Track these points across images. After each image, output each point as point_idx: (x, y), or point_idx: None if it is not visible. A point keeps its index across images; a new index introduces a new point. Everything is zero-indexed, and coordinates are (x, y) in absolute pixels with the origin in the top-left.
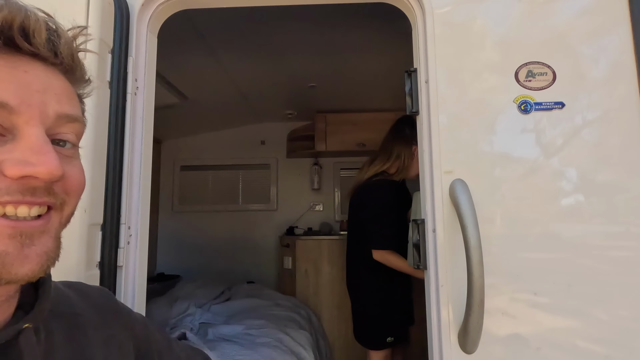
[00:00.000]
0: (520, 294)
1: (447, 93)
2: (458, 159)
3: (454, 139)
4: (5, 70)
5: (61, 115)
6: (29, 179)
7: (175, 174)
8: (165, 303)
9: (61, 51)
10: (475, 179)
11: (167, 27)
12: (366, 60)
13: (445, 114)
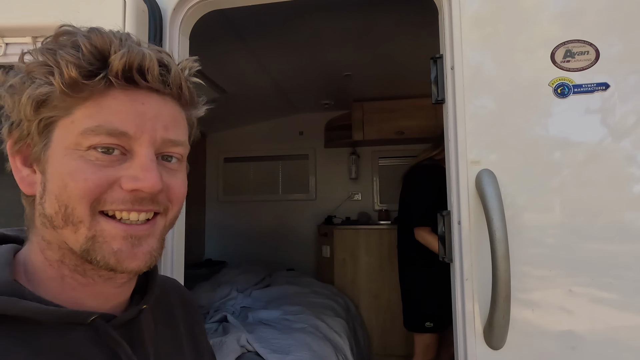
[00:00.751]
0: (580, 287)
1: (474, 80)
2: (486, 149)
3: (481, 128)
4: (127, 103)
5: (166, 140)
6: (137, 191)
7: (219, 165)
8: (210, 287)
9: (170, 82)
10: (512, 168)
11: (204, 24)
12: (401, 46)
13: (471, 101)
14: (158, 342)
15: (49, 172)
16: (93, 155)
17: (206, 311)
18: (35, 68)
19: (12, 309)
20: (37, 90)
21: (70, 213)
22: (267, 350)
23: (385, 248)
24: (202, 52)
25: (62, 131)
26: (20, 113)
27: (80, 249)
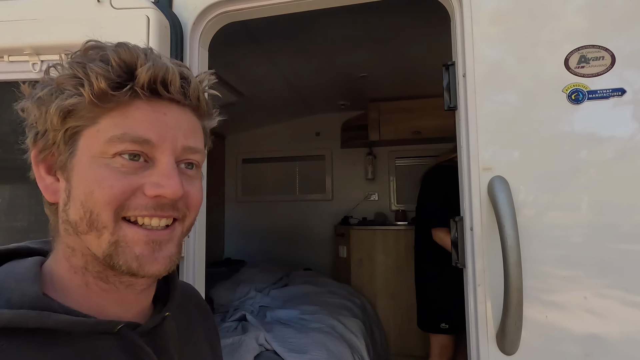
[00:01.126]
0: (608, 290)
1: (486, 87)
2: (499, 155)
3: (493, 135)
4: (150, 113)
5: (186, 147)
6: (160, 197)
7: (238, 166)
8: (230, 286)
9: (190, 94)
10: (532, 167)
11: (221, 30)
12: (417, 46)
13: (483, 108)
14: (181, 348)
15: (74, 180)
16: (119, 162)
17: (226, 309)
18: (65, 80)
19: (45, 323)
20: (66, 101)
21: (95, 219)
22: (284, 349)
23: (402, 249)
24: (220, 57)
25: (88, 140)
26: (46, 123)
27: (103, 254)
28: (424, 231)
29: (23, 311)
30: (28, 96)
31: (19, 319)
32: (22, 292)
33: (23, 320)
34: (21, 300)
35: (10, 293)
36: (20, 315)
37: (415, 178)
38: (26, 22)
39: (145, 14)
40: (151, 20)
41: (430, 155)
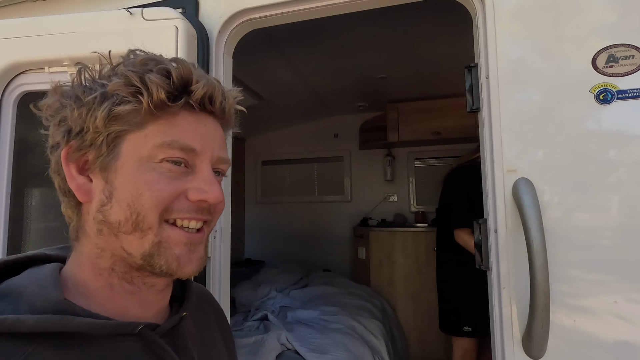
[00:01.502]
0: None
1: (510, 88)
2: (523, 156)
3: (517, 136)
4: (194, 124)
5: (219, 158)
6: (201, 202)
7: (257, 168)
8: (251, 286)
9: (227, 110)
10: (558, 168)
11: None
12: (436, 46)
13: (507, 110)
14: (200, 347)
15: (118, 181)
16: (166, 167)
17: (247, 309)
18: (120, 87)
19: (68, 327)
20: (120, 107)
21: (141, 220)
22: (305, 349)
23: (422, 250)
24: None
25: (134, 144)
26: (85, 124)
27: (144, 254)
28: (446, 232)
29: (47, 316)
30: (59, 95)
31: (43, 323)
32: (45, 298)
33: (47, 324)
34: (44, 305)
35: (33, 299)
36: (44, 320)
37: (435, 179)
38: (65, 35)
39: (174, 25)
40: (180, 30)
41: (450, 156)
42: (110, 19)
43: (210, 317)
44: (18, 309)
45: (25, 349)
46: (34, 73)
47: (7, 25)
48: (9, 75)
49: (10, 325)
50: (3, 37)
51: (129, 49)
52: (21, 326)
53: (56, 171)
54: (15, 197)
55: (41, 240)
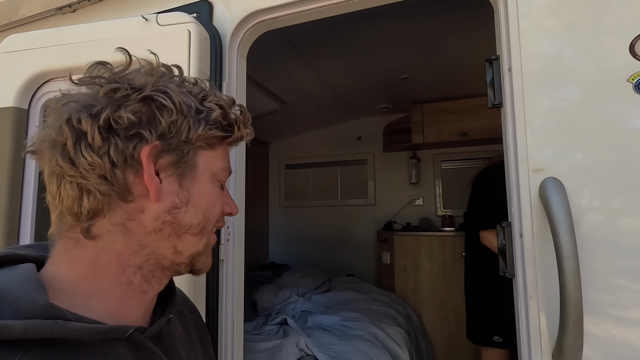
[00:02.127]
0: None
1: (535, 81)
2: (554, 155)
3: (545, 132)
4: (228, 153)
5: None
6: (228, 214)
7: (281, 172)
8: (272, 290)
9: None
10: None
11: (262, 41)
12: (460, 44)
13: (533, 104)
14: (185, 348)
15: (195, 190)
16: (219, 185)
17: (268, 313)
18: (221, 117)
19: (60, 332)
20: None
21: (207, 225)
22: (325, 355)
23: (450, 256)
24: (262, 66)
25: (207, 160)
26: (178, 131)
27: (194, 253)
28: (475, 236)
29: (36, 321)
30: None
31: (33, 329)
32: (30, 301)
33: (37, 330)
34: (30, 309)
35: (16, 303)
36: (33, 325)
37: (463, 182)
38: (85, 43)
39: (187, 29)
40: (192, 33)
41: (479, 158)
42: (126, 26)
43: (187, 316)
44: (0, 314)
45: (12, 358)
46: (59, 81)
47: (35, 37)
48: (36, 84)
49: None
50: (32, 48)
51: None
52: (8, 332)
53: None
54: (41, 198)
55: None
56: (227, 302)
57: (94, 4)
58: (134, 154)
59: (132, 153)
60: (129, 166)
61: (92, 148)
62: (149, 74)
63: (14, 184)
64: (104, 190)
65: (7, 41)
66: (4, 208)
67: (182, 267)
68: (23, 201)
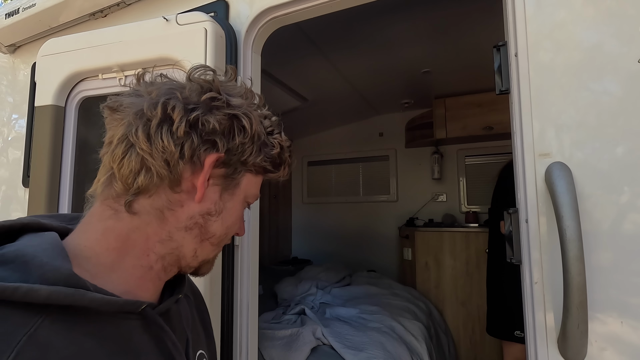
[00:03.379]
0: None
1: (541, 65)
2: (558, 141)
3: (551, 119)
4: None
5: None
6: (236, 234)
7: (303, 169)
8: (292, 282)
9: None
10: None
11: (280, 37)
12: (483, 32)
13: (539, 90)
14: (192, 327)
15: (229, 205)
16: (244, 206)
17: (287, 304)
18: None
19: (80, 301)
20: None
21: (224, 239)
22: (341, 345)
23: (473, 252)
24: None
25: (247, 183)
26: (240, 151)
27: (204, 260)
28: (498, 230)
29: (60, 288)
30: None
31: (56, 295)
32: (55, 269)
33: (61, 297)
34: (55, 277)
35: (42, 269)
36: (58, 292)
37: (488, 177)
38: (114, 44)
39: (203, 27)
40: (208, 31)
41: (504, 152)
42: (149, 27)
43: (189, 298)
44: (26, 278)
45: (35, 320)
46: (91, 80)
47: (70, 40)
48: (71, 83)
49: (24, 294)
50: (68, 50)
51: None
52: (34, 296)
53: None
54: (76, 188)
55: None
56: (242, 286)
57: (123, 8)
58: (201, 155)
59: (200, 154)
60: (192, 163)
61: (172, 135)
62: (244, 97)
63: (53, 175)
64: (161, 173)
65: (46, 45)
66: (44, 197)
67: (188, 269)
68: (61, 190)
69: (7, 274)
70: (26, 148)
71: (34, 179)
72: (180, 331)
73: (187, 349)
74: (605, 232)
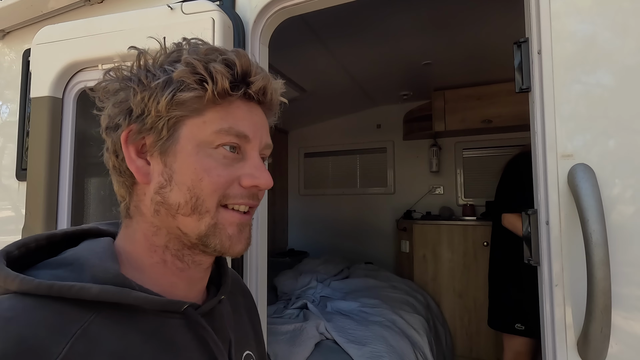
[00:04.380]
0: None
1: (566, 64)
2: (582, 141)
3: (575, 119)
4: (247, 112)
5: (266, 144)
6: (253, 187)
7: (300, 160)
8: (292, 276)
9: (274, 102)
10: None
11: (282, 27)
12: (486, 25)
13: (562, 88)
14: (235, 328)
15: (177, 165)
16: (221, 153)
17: (288, 297)
18: (186, 75)
19: (125, 299)
20: (184, 93)
21: (200, 204)
22: (344, 339)
23: (470, 245)
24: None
25: (192, 129)
26: (147, 108)
27: (200, 234)
28: (500, 224)
29: (108, 287)
30: (118, 78)
31: (105, 293)
32: (105, 269)
33: (109, 295)
34: (104, 276)
35: (93, 269)
36: (106, 290)
37: (485, 170)
38: (114, 33)
39: (211, 16)
40: (216, 21)
41: (503, 146)
42: (153, 15)
43: (239, 299)
44: (80, 278)
45: (88, 316)
46: (90, 71)
47: (67, 28)
48: (69, 74)
49: (77, 291)
50: (64, 39)
51: (183, 37)
52: (86, 294)
53: (113, 152)
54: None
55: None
56: (250, 283)
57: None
58: (117, 142)
59: (116, 141)
60: (120, 153)
61: (106, 147)
62: (138, 66)
63: (52, 169)
64: (117, 179)
65: (42, 33)
66: (43, 191)
67: (201, 248)
68: (60, 185)
69: (66, 274)
70: (19, 140)
71: (31, 174)
72: (224, 332)
73: (229, 349)
74: (628, 235)
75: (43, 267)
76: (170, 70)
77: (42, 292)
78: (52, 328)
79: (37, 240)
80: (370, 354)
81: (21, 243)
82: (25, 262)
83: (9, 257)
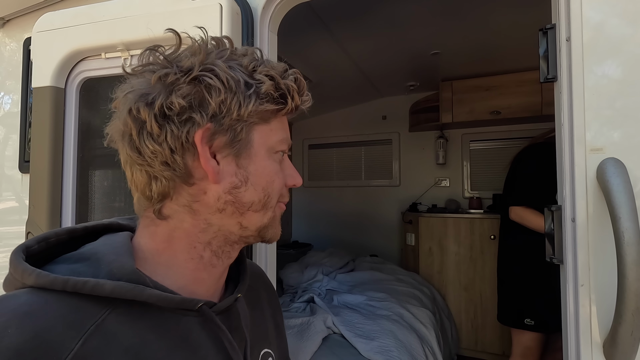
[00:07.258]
0: None
1: (596, 52)
2: (613, 134)
3: (605, 110)
4: (286, 122)
5: (290, 145)
6: (292, 186)
7: (304, 152)
8: (298, 269)
9: None
10: None
11: (288, 16)
12: (497, 14)
13: (592, 78)
14: (252, 327)
15: (252, 168)
16: (279, 157)
17: (294, 290)
18: (272, 88)
19: (139, 296)
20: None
21: (269, 201)
22: (352, 334)
23: (477, 238)
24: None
25: (262, 135)
26: (230, 110)
27: (261, 227)
28: (506, 214)
29: (122, 283)
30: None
31: (119, 290)
32: (121, 265)
33: (123, 291)
34: (120, 272)
35: (110, 265)
36: (120, 287)
37: (493, 163)
38: (118, 20)
39: (218, 3)
40: (224, 8)
41: (512, 138)
42: (158, 1)
43: (261, 294)
44: (97, 273)
45: (103, 311)
46: (93, 60)
47: (69, 15)
48: (71, 63)
49: (92, 287)
50: (66, 26)
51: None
52: (101, 290)
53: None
54: (80, 174)
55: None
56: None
57: None
58: (188, 138)
59: (187, 138)
60: (186, 151)
61: (152, 136)
62: (196, 53)
63: (55, 161)
64: (167, 175)
65: (42, 20)
66: (47, 183)
67: (252, 239)
68: (64, 177)
69: (84, 269)
70: (22, 132)
71: (34, 166)
72: (240, 330)
73: (245, 348)
74: None
75: (62, 261)
76: (257, 81)
77: (57, 287)
78: (66, 323)
79: (57, 234)
80: (379, 348)
81: (41, 237)
82: (45, 256)
83: (28, 251)
